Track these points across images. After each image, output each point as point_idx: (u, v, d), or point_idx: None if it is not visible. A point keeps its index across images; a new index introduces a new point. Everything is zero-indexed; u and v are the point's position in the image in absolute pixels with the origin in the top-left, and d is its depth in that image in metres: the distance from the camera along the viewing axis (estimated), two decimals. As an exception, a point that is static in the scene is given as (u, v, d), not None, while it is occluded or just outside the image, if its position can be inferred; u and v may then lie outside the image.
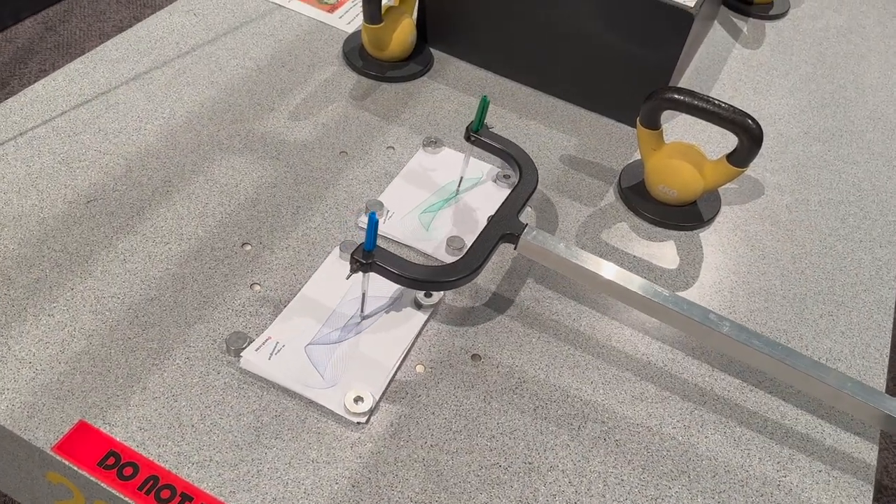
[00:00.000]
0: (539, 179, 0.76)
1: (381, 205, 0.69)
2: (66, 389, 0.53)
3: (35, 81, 1.34)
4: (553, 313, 0.64)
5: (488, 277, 0.66)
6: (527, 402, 0.57)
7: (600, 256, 0.70)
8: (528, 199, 0.65)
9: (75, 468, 0.49)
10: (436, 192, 0.73)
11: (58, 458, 0.50)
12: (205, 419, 0.53)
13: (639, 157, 0.79)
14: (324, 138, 0.76)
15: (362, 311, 0.60)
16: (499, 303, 0.64)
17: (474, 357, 0.60)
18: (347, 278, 0.55)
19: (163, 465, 0.50)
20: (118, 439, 0.51)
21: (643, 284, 0.58)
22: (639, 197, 0.75)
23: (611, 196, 0.76)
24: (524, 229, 0.61)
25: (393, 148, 0.77)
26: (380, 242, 0.67)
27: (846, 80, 0.96)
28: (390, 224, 0.69)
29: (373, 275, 0.60)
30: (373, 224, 0.52)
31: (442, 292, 0.61)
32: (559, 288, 0.66)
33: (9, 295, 0.58)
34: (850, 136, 0.87)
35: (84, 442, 0.50)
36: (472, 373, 0.59)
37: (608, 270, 0.59)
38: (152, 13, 1.51)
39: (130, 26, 1.47)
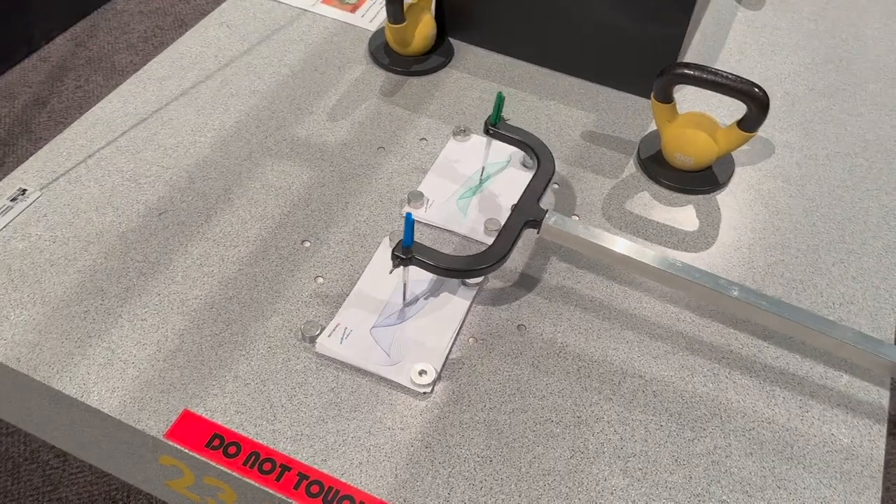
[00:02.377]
0: (558, 161, 0.80)
1: (422, 195, 0.74)
2: (168, 383, 0.60)
3: (72, 96, 1.39)
4: (584, 285, 0.69)
5: (521, 257, 0.71)
6: (570, 365, 0.63)
7: (625, 225, 0.74)
8: (547, 186, 0.68)
9: (187, 451, 0.56)
10: (469, 179, 0.78)
11: (170, 443, 0.57)
12: (292, 399, 0.60)
13: (655, 129, 0.83)
14: (361, 136, 0.81)
15: (404, 298, 0.65)
16: (533, 279, 0.69)
17: (519, 327, 0.65)
18: (390, 273, 0.59)
19: (261, 441, 0.57)
20: (220, 423, 0.58)
21: (657, 257, 0.62)
22: (658, 166, 0.79)
23: (631, 167, 0.80)
24: (545, 214, 0.65)
25: (426, 139, 0.82)
26: (422, 229, 0.73)
27: (848, 34, 0.98)
28: (431, 212, 0.74)
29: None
30: (409, 224, 0.56)
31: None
32: (587, 262, 0.71)
33: (104, 305, 0.65)
34: (853, 88, 0.91)
35: (190, 428, 0.57)
36: (519, 342, 0.64)
37: (622, 246, 0.63)
38: (173, 21, 1.54)
39: (154, 36, 1.51)
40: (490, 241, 0.70)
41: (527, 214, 0.65)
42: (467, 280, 0.66)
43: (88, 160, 0.77)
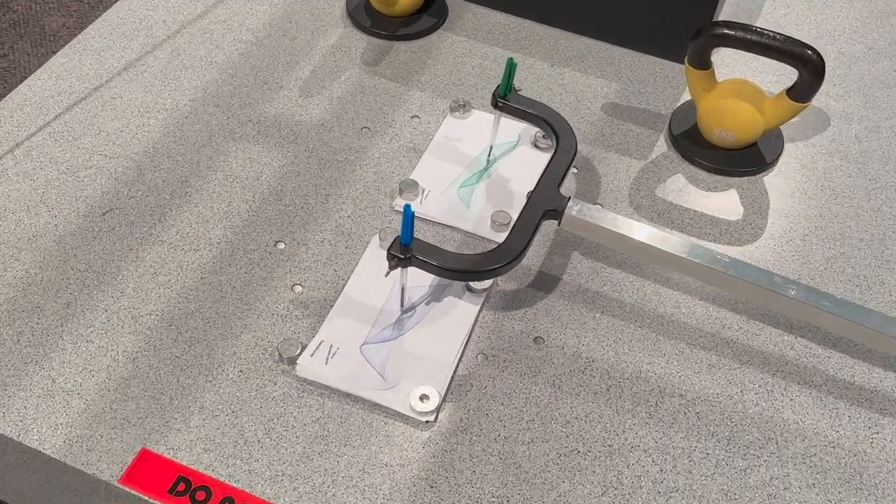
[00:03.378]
0: (580, 138, 0.80)
1: (416, 184, 0.74)
2: (122, 417, 0.59)
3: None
4: (612, 286, 0.69)
5: (537, 254, 0.71)
6: (598, 383, 0.63)
7: (656, 215, 0.74)
8: (568, 168, 0.68)
9: (146, 498, 0.56)
10: (472, 163, 0.77)
11: (126, 489, 0.56)
12: (270, 433, 0.59)
13: (689, 99, 0.82)
14: (341, 114, 0.81)
15: (402, 305, 0.64)
16: (552, 280, 0.69)
17: (537, 340, 0.65)
18: (386, 275, 0.59)
19: (235, 484, 0.57)
20: (185, 463, 0.57)
21: (700, 252, 0.62)
22: (693, 144, 0.79)
23: (662, 145, 0.80)
24: (567, 203, 0.65)
25: (418, 117, 0.81)
26: (418, 225, 0.72)
27: (912, -18, 0.98)
28: (427, 204, 0.73)
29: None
30: (408, 217, 0.56)
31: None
32: (615, 259, 0.70)
33: (42, 324, 0.64)
34: (920, 46, 0.91)
35: (150, 470, 0.57)
36: (537, 357, 0.64)
37: (663, 241, 0.63)
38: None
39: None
40: (499, 237, 0.70)
41: (546, 203, 0.65)
42: (473, 284, 0.66)
43: (16, 150, 0.76)
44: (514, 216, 0.70)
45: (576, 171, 0.77)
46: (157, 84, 0.82)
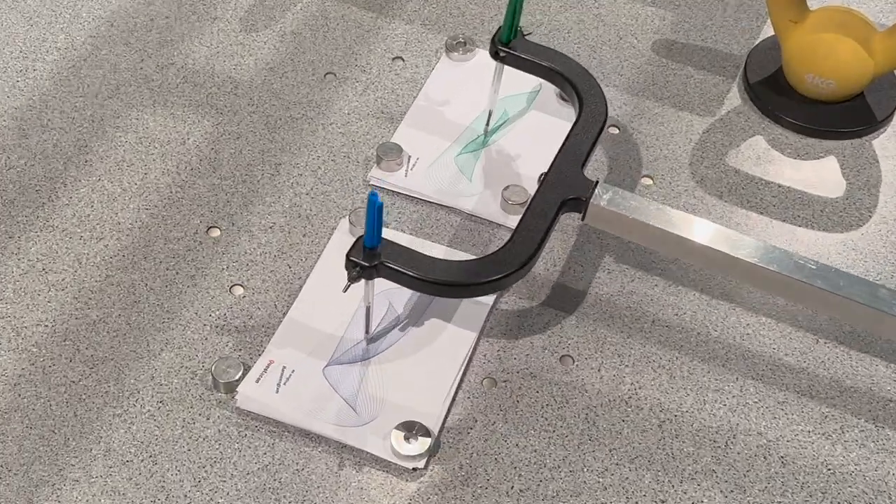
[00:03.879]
0: (617, 91, 0.80)
1: (399, 150, 0.74)
2: (-1, 464, 0.60)
3: None
4: (663, 296, 0.69)
5: (561, 245, 0.71)
6: (646, 418, 0.64)
7: (726, 191, 0.75)
8: (595, 142, 0.68)
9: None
10: (476, 122, 0.77)
11: (6, 559, 0.57)
12: (200, 485, 0.60)
13: (772, 35, 0.82)
14: (297, 55, 0.81)
15: (367, 330, 0.65)
16: (583, 281, 0.69)
17: (564, 360, 0.66)
18: (344, 290, 0.59)
19: (153, 554, 0.57)
20: (85, 526, 0.58)
21: (781, 259, 0.62)
22: (777, 94, 0.79)
23: (734, 97, 0.80)
24: (594, 190, 0.65)
25: (401, 59, 0.81)
26: (402, 205, 0.72)
27: None
28: (414, 177, 0.73)
29: None
30: (374, 209, 0.55)
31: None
32: (664, 263, 0.70)
33: None
34: None
35: (38, 534, 0.57)
36: (564, 382, 0.65)
37: (728, 243, 0.63)
38: None
39: None
40: (512, 222, 0.70)
41: (564, 189, 0.65)
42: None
43: None
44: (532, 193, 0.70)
45: (616, 131, 0.77)
46: (44, 14, 0.82)
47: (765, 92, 0.80)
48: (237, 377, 0.62)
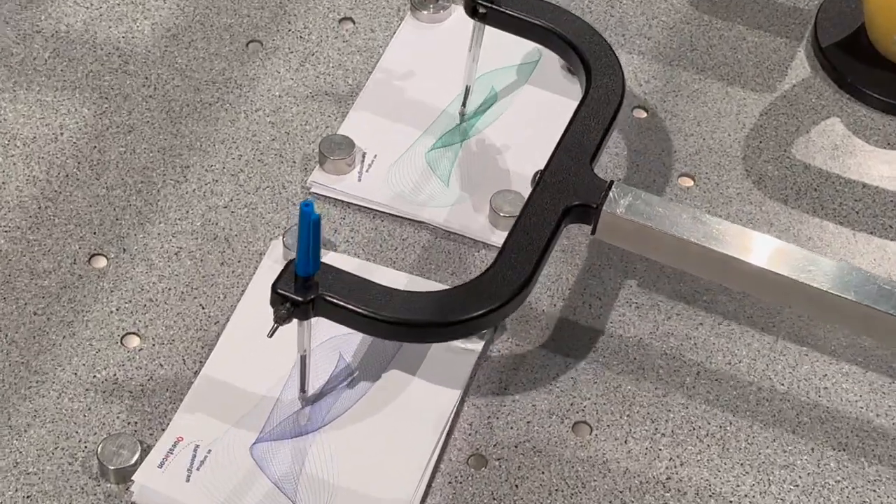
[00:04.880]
0: (644, 58, 0.80)
1: (350, 145, 0.73)
2: None
3: None
4: (713, 331, 0.69)
5: (569, 266, 0.71)
6: (693, 505, 0.63)
7: (793, 191, 0.74)
8: (608, 128, 0.68)
9: None
10: (452, 105, 0.77)
11: None
12: None
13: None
14: (209, 17, 0.80)
15: (303, 389, 0.64)
16: (607, 318, 0.69)
17: (578, 428, 0.65)
18: (270, 335, 0.58)
19: None
20: None
21: (862, 284, 0.62)
22: (858, 61, 0.79)
23: (800, 66, 0.80)
24: (607, 192, 0.65)
25: (351, 20, 0.80)
26: (355, 217, 0.72)
27: None
28: (370, 181, 0.73)
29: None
30: (309, 224, 0.55)
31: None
32: (706, 288, 0.70)
33: None
34: None
35: None
36: (580, 459, 0.63)
37: (794, 264, 0.62)
38: None
39: None
40: (499, 239, 0.68)
41: (567, 192, 0.65)
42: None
43: None
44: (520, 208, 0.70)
45: (644, 114, 0.77)
46: None
47: (842, 58, 0.80)
48: (133, 461, 0.61)
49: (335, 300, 0.59)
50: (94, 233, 0.70)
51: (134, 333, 0.67)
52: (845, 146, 0.77)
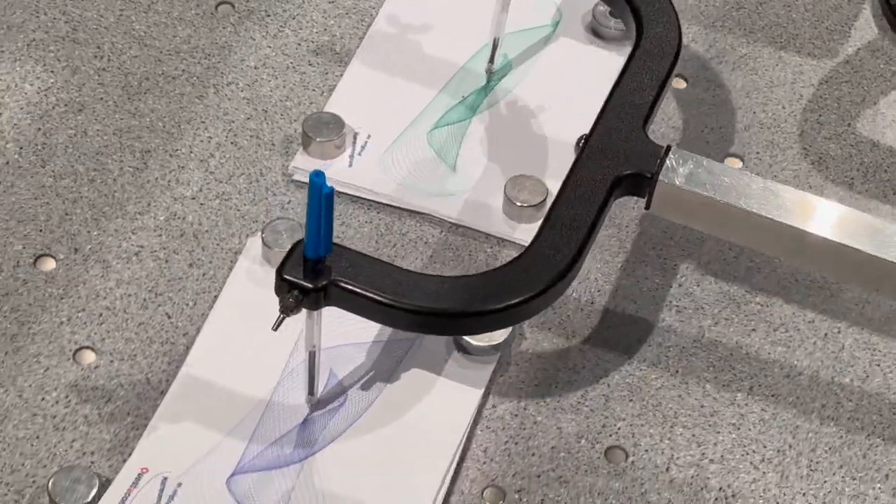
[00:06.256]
0: (695, 14, 0.79)
1: (339, 124, 0.73)
2: None
3: None
4: (769, 338, 0.69)
5: (604, 265, 0.71)
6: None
7: (862, 175, 0.74)
8: (664, 84, 0.69)
9: None
10: (457, 78, 0.77)
11: None
12: None
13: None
14: (173, -25, 0.80)
15: (312, 391, 0.65)
16: (641, 325, 0.69)
17: (612, 454, 0.65)
18: (275, 328, 0.58)
19: None
20: None
21: None
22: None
23: (866, 26, 0.80)
24: (664, 159, 0.65)
25: (339, -24, 0.80)
26: (346, 208, 0.72)
27: None
28: (363, 166, 0.73)
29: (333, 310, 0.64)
30: (319, 198, 0.55)
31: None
32: (761, 282, 0.70)
33: None
34: None
35: None
36: (614, 490, 0.63)
37: (882, 241, 0.62)
38: None
39: None
40: (523, 233, 0.70)
41: (618, 161, 0.65)
42: (470, 340, 0.66)
43: None
44: (554, 188, 0.69)
45: (684, 84, 0.77)
46: None
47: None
48: (89, 498, 0.61)
49: (351, 286, 0.59)
50: (40, 230, 0.70)
51: (88, 348, 0.67)
52: (923, 119, 0.76)
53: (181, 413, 0.64)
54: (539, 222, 0.64)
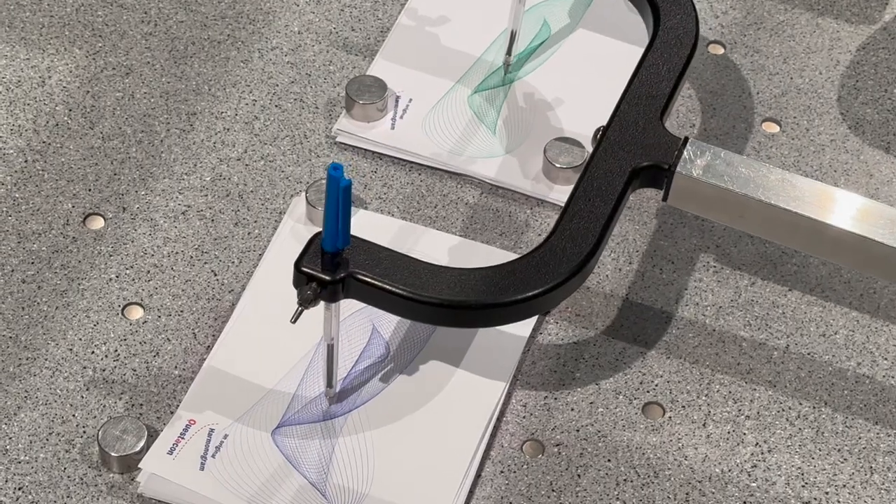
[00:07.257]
0: (700, 11, 0.79)
1: (382, 87, 0.74)
2: None
3: None
4: (802, 299, 0.69)
5: (641, 233, 0.71)
6: (782, 498, 0.62)
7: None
8: (681, 76, 0.68)
9: None
10: (497, 41, 0.78)
11: None
12: None
13: None
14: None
15: (329, 383, 0.65)
16: (681, 285, 0.69)
17: (649, 409, 0.65)
18: (293, 321, 0.58)
19: None
20: None
21: None
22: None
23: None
24: (681, 151, 0.65)
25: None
26: (388, 170, 0.72)
27: None
28: (405, 129, 0.74)
29: None
30: (339, 192, 0.55)
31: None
32: (799, 262, 0.70)
33: None
34: None
35: None
36: (651, 444, 0.64)
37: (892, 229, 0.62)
38: None
39: None
40: (562, 193, 0.70)
41: (634, 152, 0.65)
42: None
43: None
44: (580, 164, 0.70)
45: (721, 50, 0.77)
46: None
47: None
48: (138, 448, 0.61)
49: (369, 279, 0.59)
50: (90, 190, 0.71)
51: (137, 304, 0.67)
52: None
53: (227, 368, 0.65)
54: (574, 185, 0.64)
